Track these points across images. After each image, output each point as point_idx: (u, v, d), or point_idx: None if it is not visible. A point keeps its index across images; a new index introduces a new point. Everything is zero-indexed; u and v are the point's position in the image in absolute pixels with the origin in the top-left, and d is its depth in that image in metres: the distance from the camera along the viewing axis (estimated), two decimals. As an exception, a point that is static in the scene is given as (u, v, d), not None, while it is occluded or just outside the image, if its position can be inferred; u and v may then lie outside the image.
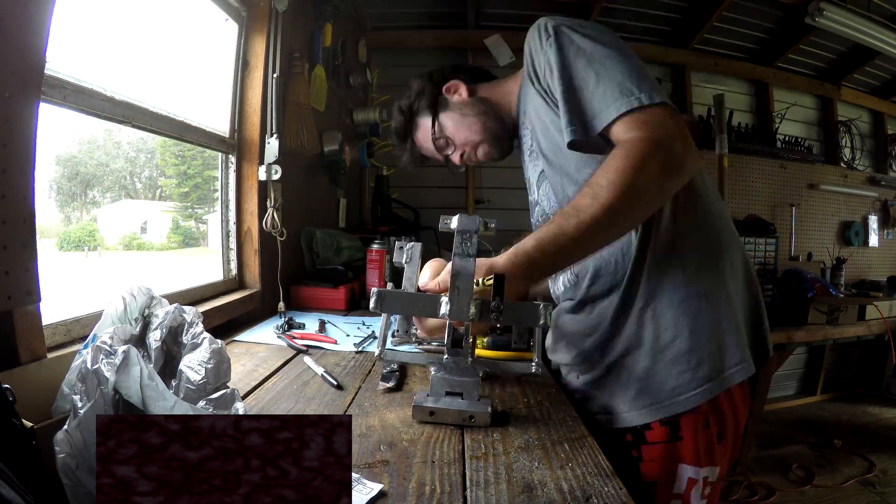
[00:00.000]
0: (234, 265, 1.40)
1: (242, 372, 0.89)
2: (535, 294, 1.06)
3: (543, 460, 0.59)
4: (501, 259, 0.71)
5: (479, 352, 1.04)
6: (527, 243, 0.71)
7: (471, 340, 0.74)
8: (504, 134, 1.03)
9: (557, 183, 0.89)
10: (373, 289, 0.69)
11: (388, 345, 1.09)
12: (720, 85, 3.12)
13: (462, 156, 1.05)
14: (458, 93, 1.04)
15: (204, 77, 1.40)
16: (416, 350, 1.05)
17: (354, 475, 0.53)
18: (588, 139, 0.76)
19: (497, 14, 2.79)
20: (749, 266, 0.89)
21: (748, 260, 0.90)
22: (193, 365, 0.58)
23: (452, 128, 1.03)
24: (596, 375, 0.88)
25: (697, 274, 0.81)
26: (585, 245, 0.73)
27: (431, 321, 0.75)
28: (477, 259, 0.67)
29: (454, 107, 1.04)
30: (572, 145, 0.77)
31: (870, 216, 3.54)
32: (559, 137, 0.82)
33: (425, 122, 1.06)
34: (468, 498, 0.50)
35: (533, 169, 0.96)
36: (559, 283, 0.96)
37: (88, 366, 0.49)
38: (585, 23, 0.83)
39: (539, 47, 0.84)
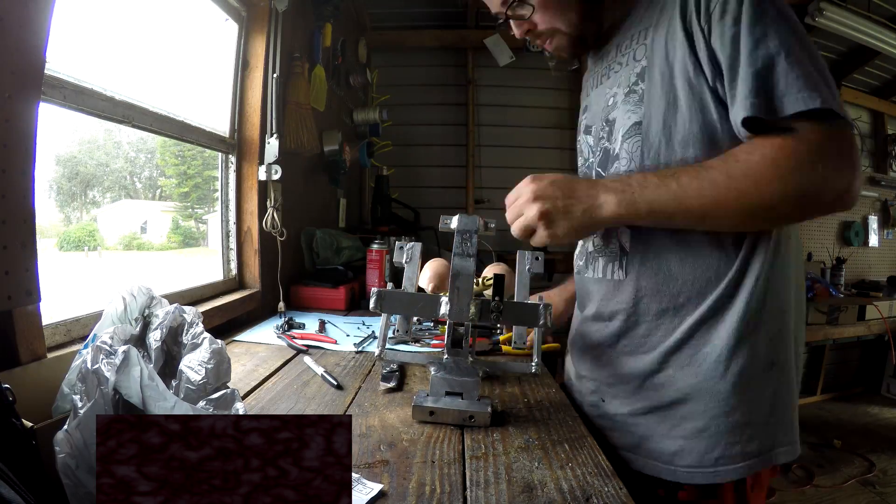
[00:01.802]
0: (234, 265, 1.40)
1: (242, 372, 0.89)
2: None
3: (543, 460, 0.59)
4: (607, 208, 0.65)
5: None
6: (639, 202, 0.64)
7: (472, 341, 0.74)
8: (591, 39, 0.84)
9: (654, 142, 0.72)
10: (373, 289, 0.69)
11: (388, 344, 1.09)
12: (720, 85, 3.12)
13: (528, 31, 0.82)
14: None
15: (204, 77, 1.40)
16: (416, 350, 1.05)
17: (354, 475, 0.53)
18: (768, 118, 0.60)
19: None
20: (804, 329, 0.79)
21: (805, 321, 0.79)
22: (193, 365, 0.58)
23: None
24: (633, 409, 0.76)
25: (776, 339, 0.70)
26: (702, 223, 0.65)
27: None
28: (580, 182, 0.68)
29: None
30: (747, 122, 0.61)
31: (870, 216, 3.54)
32: (690, 98, 0.68)
33: None
34: (468, 498, 0.50)
35: (625, 114, 0.76)
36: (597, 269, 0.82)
37: (88, 366, 0.49)
38: None
39: None
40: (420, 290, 0.83)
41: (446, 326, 0.73)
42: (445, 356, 0.73)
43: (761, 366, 0.69)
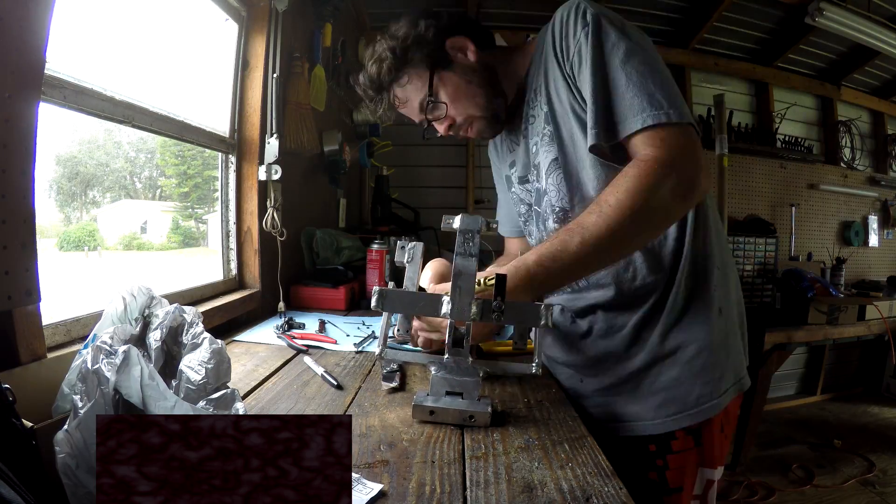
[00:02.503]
0: (234, 265, 1.40)
1: (242, 372, 0.89)
2: None
3: (543, 460, 0.58)
4: (502, 271, 0.69)
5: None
6: (528, 257, 0.71)
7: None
8: (503, 113, 0.94)
9: (572, 174, 0.84)
10: (374, 287, 0.69)
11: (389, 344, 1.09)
12: (720, 85, 3.12)
13: (450, 127, 0.93)
14: (466, 53, 0.89)
15: (204, 77, 1.40)
16: (417, 350, 1.05)
17: (354, 475, 0.53)
18: (609, 143, 0.74)
19: (496, 13, 2.79)
20: (738, 278, 0.94)
21: (736, 272, 0.94)
22: (193, 365, 0.58)
23: (451, 93, 0.89)
24: (609, 383, 0.87)
25: (716, 289, 0.83)
26: (588, 264, 0.72)
27: (434, 326, 0.78)
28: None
29: (458, 69, 0.89)
30: (594, 149, 0.75)
31: (870, 216, 3.54)
32: (580, 130, 0.79)
33: (417, 78, 0.90)
34: (468, 498, 0.50)
35: (544, 155, 0.87)
36: None
37: (88, 366, 0.49)
38: (624, 20, 0.79)
39: (572, 31, 0.78)
40: (421, 289, 0.83)
41: (447, 326, 0.73)
42: (446, 356, 0.73)
43: (709, 313, 0.82)
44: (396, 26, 0.91)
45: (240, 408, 0.55)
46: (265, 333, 1.17)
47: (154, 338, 0.62)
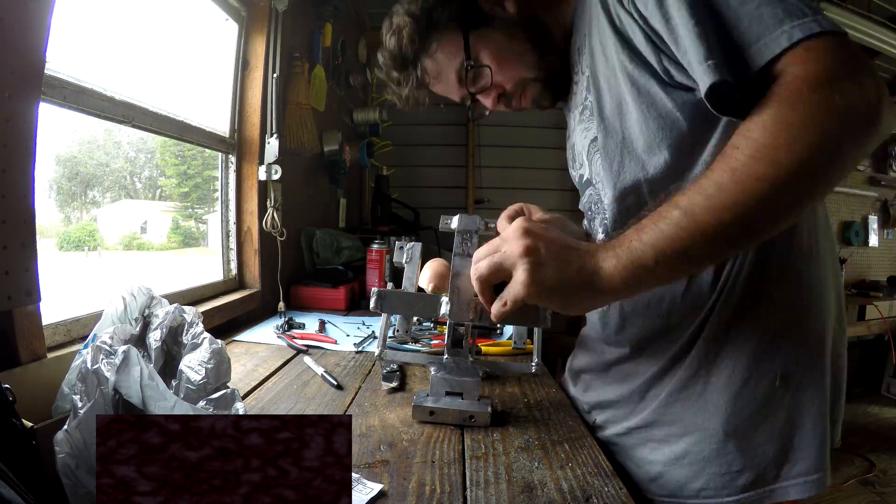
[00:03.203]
0: (234, 265, 1.40)
1: (242, 372, 0.89)
2: None
3: (543, 460, 0.58)
4: (608, 267, 0.48)
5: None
6: (643, 248, 0.47)
7: (472, 340, 0.74)
8: (561, 70, 0.74)
9: (614, 157, 0.63)
10: (373, 289, 0.69)
11: (388, 344, 1.10)
12: (720, 85, 3.12)
13: (500, 97, 0.75)
14: (503, 4, 0.72)
15: (204, 77, 1.40)
16: (416, 349, 1.05)
17: (354, 475, 0.53)
18: (738, 80, 0.47)
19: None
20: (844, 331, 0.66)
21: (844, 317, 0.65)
22: (193, 365, 0.58)
23: (494, 54, 0.71)
24: (617, 431, 0.72)
25: (777, 341, 0.59)
26: (732, 242, 0.48)
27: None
28: (578, 259, 0.50)
29: (497, 24, 0.72)
30: (713, 92, 0.48)
31: (870, 216, 3.54)
32: (633, 96, 0.58)
33: (449, 43, 0.72)
34: (468, 498, 0.50)
35: (583, 134, 0.69)
36: None
37: (88, 366, 0.49)
38: None
39: None
40: (420, 290, 0.83)
41: (446, 327, 0.73)
42: (445, 356, 0.73)
43: (755, 378, 0.59)
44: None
45: (240, 408, 0.55)
46: (265, 333, 1.17)
47: (154, 338, 0.62)
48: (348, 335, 1.18)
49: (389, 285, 0.77)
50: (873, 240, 3.55)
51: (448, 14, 0.72)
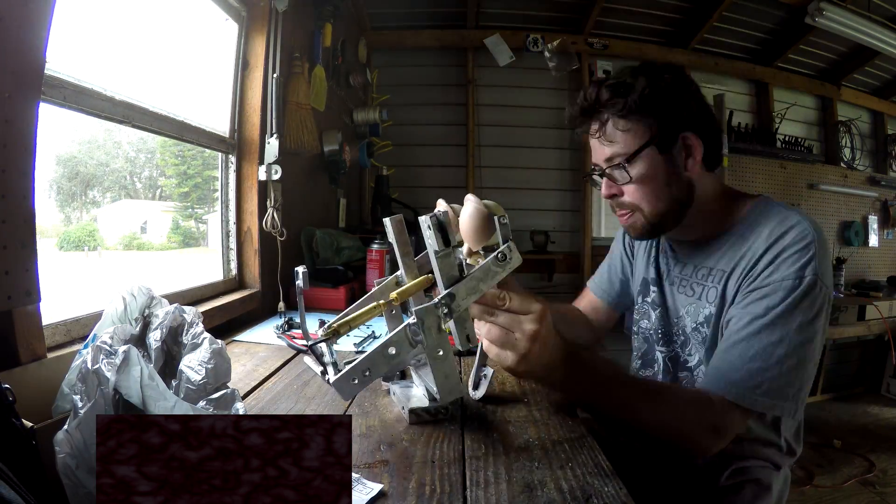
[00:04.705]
0: (234, 265, 1.40)
1: (242, 372, 0.89)
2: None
3: (543, 460, 0.58)
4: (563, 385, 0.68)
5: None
6: (598, 366, 0.70)
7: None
8: (660, 234, 0.88)
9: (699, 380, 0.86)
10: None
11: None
12: (720, 85, 3.12)
13: (613, 196, 0.84)
14: (688, 158, 0.80)
15: (204, 77, 1.40)
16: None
17: (354, 475, 0.53)
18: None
19: (496, 14, 2.79)
20: None
21: None
22: (193, 365, 0.58)
23: (644, 174, 0.79)
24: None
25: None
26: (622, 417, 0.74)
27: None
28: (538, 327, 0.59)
29: (670, 162, 0.80)
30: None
31: (870, 216, 3.53)
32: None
33: (635, 134, 0.79)
34: (468, 498, 0.50)
35: (693, 346, 0.89)
36: None
37: (88, 366, 0.49)
38: (827, 298, 0.74)
39: (781, 269, 0.73)
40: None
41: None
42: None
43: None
44: (659, 70, 0.81)
45: (240, 408, 0.55)
46: (265, 333, 1.17)
47: (154, 338, 0.62)
48: (348, 335, 1.17)
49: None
50: (873, 240, 3.55)
51: (658, 118, 0.78)
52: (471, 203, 0.66)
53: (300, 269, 0.71)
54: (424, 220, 0.60)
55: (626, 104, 0.78)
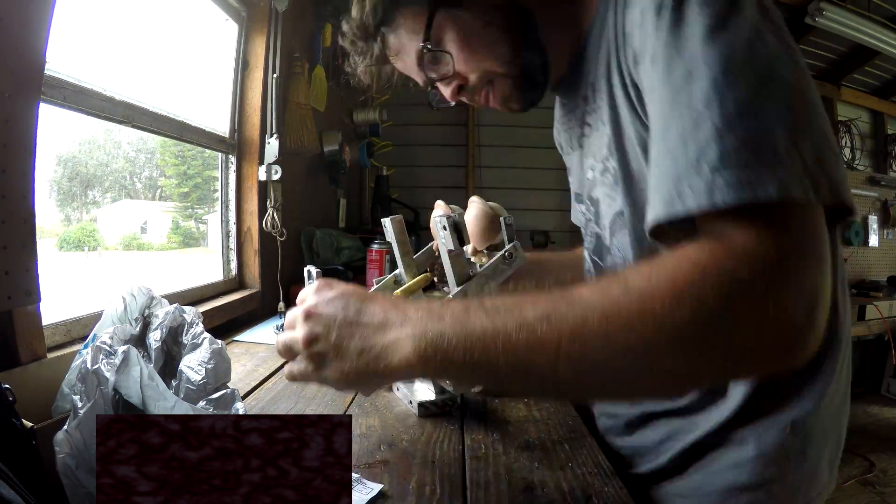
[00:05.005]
0: (234, 265, 1.40)
1: (242, 372, 0.89)
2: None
3: (543, 460, 0.58)
4: (405, 343, 0.40)
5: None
6: (452, 332, 0.39)
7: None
8: (541, 76, 0.63)
9: (646, 239, 0.47)
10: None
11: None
12: (720, 85, 3.12)
13: (461, 89, 0.64)
14: None
15: (204, 77, 1.40)
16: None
17: (354, 475, 0.53)
18: (672, 224, 0.40)
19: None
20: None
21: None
22: (193, 365, 0.58)
23: (458, 39, 0.60)
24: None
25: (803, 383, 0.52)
26: (546, 380, 0.38)
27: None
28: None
29: (472, 6, 0.60)
30: (655, 232, 0.42)
31: (870, 216, 3.54)
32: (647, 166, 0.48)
33: (413, 18, 0.61)
34: (468, 498, 0.50)
35: (605, 199, 0.61)
36: None
37: (88, 366, 0.49)
38: None
39: (640, 14, 0.45)
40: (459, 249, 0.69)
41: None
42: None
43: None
44: None
45: (240, 408, 0.55)
46: (265, 333, 1.17)
47: (154, 338, 0.62)
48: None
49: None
50: (873, 240, 3.55)
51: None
52: (476, 205, 0.66)
53: (312, 269, 0.66)
54: (440, 221, 0.60)
55: (376, 7, 0.62)
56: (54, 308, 0.75)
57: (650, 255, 0.41)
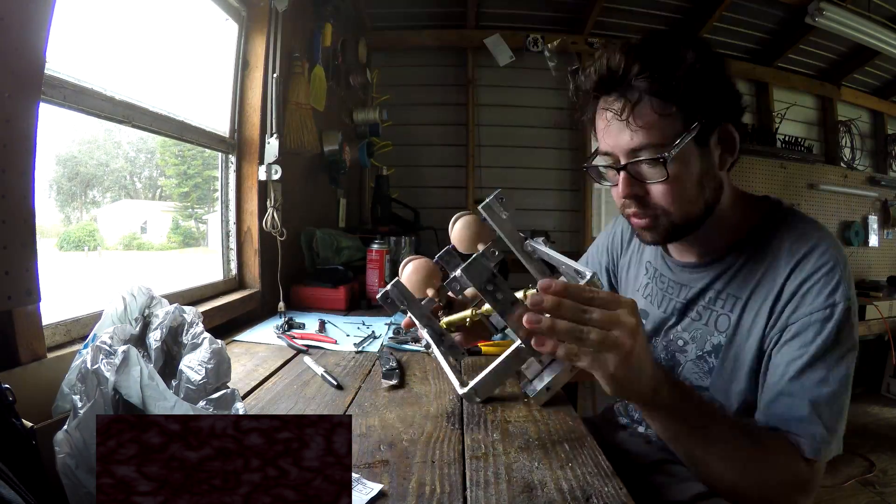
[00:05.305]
0: (234, 265, 1.40)
1: (242, 372, 0.89)
2: None
3: (543, 460, 0.58)
4: (661, 397, 0.59)
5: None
6: (684, 393, 0.62)
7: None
8: (682, 236, 0.74)
9: (722, 378, 0.75)
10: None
11: (389, 342, 1.09)
12: (720, 85, 3.12)
13: (631, 197, 0.70)
14: (725, 154, 0.71)
15: (204, 77, 1.40)
16: (418, 349, 1.05)
17: (354, 475, 0.53)
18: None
19: (496, 14, 2.79)
20: None
21: None
22: (193, 365, 0.58)
23: (679, 174, 0.66)
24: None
25: None
26: (693, 451, 0.65)
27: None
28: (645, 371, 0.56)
29: (706, 158, 0.68)
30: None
31: (870, 216, 3.53)
32: (748, 377, 0.71)
33: (670, 123, 0.64)
34: (468, 498, 0.50)
35: (693, 374, 0.78)
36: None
37: (88, 366, 0.49)
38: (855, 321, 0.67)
39: (809, 301, 0.66)
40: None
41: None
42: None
43: None
44: (705, 43, 0.66)
45: (240, 408, 0.55)
46: (265, 333, 1.17)
47: (154, 338, 0.62)
48: (348, 335, 1.18)
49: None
50: (873, 240, 3.55)
51: (698, 103, 0.63)
52: (464, 218, 0.82)
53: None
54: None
55: (672, 81, 0.62)
56: (54, 308, 0.75)
57: (723, 390, 0.74)
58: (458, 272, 0.58)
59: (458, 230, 0.80)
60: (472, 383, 0.63)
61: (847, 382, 0.65)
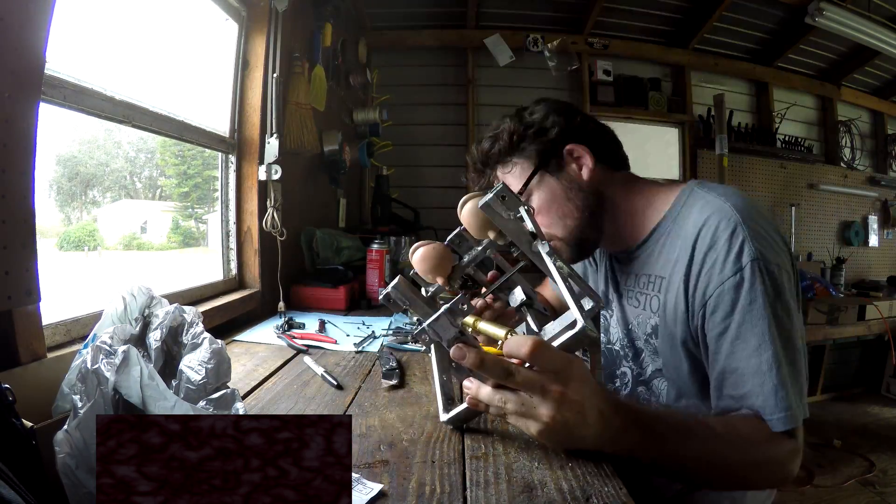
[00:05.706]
0: (234, 265, 1.40)
1: (242, 372, 0.89)
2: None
3: (543, 460, 0.58)
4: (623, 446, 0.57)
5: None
6: (661, 416, 0.62)
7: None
8: (590, 249, 0.87)
9: (679, 387, 0.79)
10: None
11: (389, 342, 1.09)
12: (720, 85, 3.12)
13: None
14: (581, 164, 0.81)
15: (204, 77, 1.40)
16: (417, 349, 1.05)
17: (354, 475, 0.53)
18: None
19: (496, 14, 2.79)
20: None
21: None
22: (194, 365, 0.58)
23: (543, 201, 0.82)
24: None
25: None
26: (674, 473, 0.66)
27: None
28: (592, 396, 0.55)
29: (564, 179, 0.81)
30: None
31: (870, 216, 3.54)
32: (689, 366, 0.75)
33: (521, 170, 0.83)
34: (468, 498, 0.50)
35: (648, 356, 0.84)
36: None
37: (88, 366, 0.49)
38: (783, 267, 0.67)
39: (718, 270, 0.67)
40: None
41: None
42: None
43: None
44: (532, 109, 0.85)
45: (240, 408, 0.55)
46: (265, 333, 1.17)
47: (154, 338, 0.62)
48: (348, 335, 1.18)
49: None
50: (873, 240, 3.55)
51: (535, 147, 0.82)
52: (472, 202, 0.78)
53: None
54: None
55: (500, 149, 0.83)
56: (54, 308, 0.75)
57: (677, 392, 0.80)
58: (425, 325, 0.59)
59: (466, 216, 0.80)
60: (449, 415, 0.66)
61: (788, 334, 0.64)
